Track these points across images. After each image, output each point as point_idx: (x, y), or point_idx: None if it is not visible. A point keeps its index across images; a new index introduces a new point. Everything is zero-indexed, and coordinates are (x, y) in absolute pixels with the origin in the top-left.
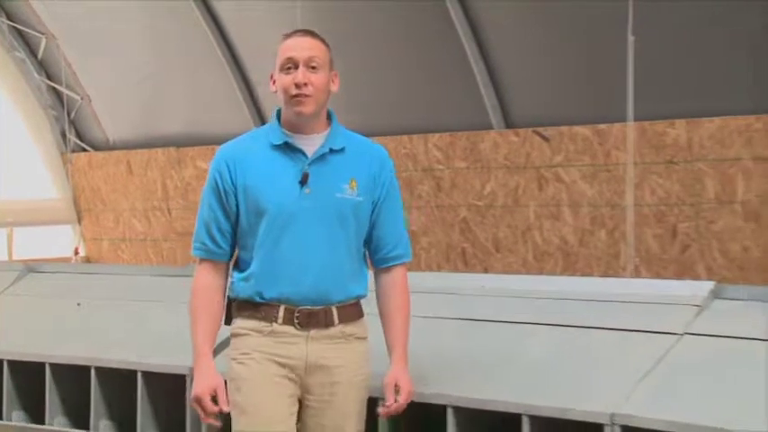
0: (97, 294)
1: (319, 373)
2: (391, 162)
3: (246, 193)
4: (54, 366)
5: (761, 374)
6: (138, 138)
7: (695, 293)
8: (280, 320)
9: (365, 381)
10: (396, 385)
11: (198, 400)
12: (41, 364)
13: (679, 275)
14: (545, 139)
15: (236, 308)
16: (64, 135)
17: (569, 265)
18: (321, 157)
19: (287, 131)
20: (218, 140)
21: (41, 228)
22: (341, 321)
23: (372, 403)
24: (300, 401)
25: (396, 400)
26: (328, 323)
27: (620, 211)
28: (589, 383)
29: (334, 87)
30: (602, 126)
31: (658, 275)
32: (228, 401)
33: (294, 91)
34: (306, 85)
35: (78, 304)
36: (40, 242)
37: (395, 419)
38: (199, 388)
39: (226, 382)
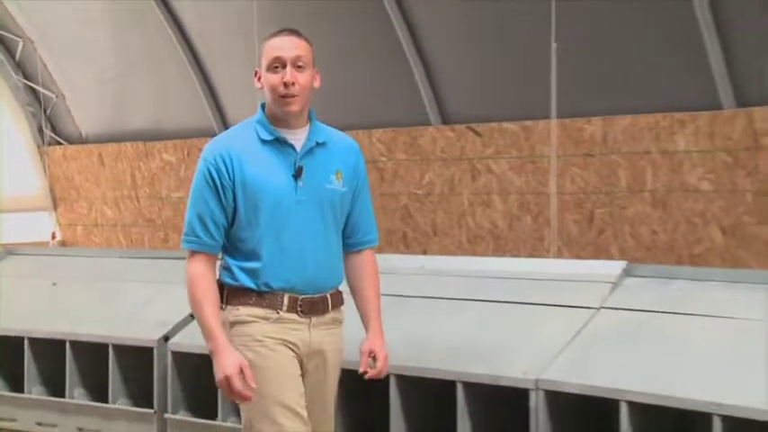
0: (72, 274)
1: (316, 357)
2: (362, 153)
3: (245, 188)
4: (32, 341)
5: (666, 343)
6: (109, 132)
7: (610, 272)
8: (284, 308)
9: (341, 357)
10: (371, 352)
11: (228, 380)
12: (20, 339)
13: (595, 256)
14: (477, 134)
15: (232, 295)
16: (41, 130)
17: (499, 248)
18: (309, 151)
19: (273, 126)
20: (182, 135)
21: (21, 214)
22: (333, 308)
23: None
24: None
25: (372, 367)
26: (324, 310)
27: (544, 199)
28: (517, 353)
29: (317, 84)
30: (528, 122)
31: (578, 256)
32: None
33: (283, 91)
34: (294, 84)
35: (54, 284)
36: (19, 228)
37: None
38: (228, 368)
39: None
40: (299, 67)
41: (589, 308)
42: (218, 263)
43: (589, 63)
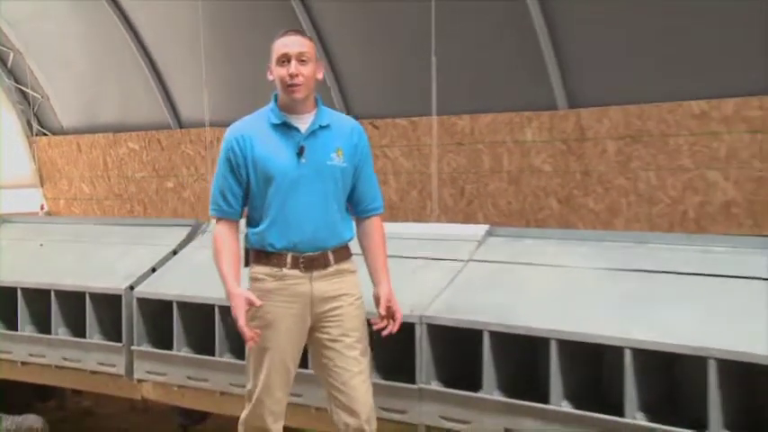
0: (55, 237)
1: (323, 303)
2: (366, 134)
3: (256, 164)
4: (24, 290)
5: (518, 286)
6: (84, 125)
7: (476, 233)
8: (288, 266)
9: (360, 301)
10: (389, 308)
11: (237, 324)
12: (14, 289)
13: (466, 221)
14: (376, 127)
15: (252, 256)
16: (29, 123)
17: (393, 216)
18: (312, 133)
19: (283, 112)
20: (144, 128)
21: (15, 190)
22: (336, 262)
23: None
24: (312, 330)
25: (390, 322)
26: (326, 264)
27: (426, 178)
28: (405, 296)
29: (319, 75)
30: (415, 118)
31: (452, 221)
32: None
33: (288, 81)
34: (298, 75)
35: (41, 245)
36: (13, 201)
37: None
38: (235, 310)
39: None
40: (303, 61)
41: (461, 260)
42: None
43: (461, 73)
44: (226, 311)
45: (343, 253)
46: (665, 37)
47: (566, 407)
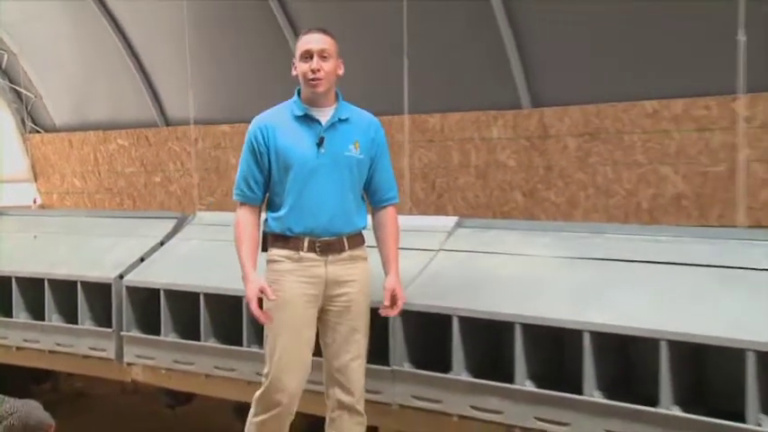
0: (48, 230)
1: (336, 287)
2: (383, 128)
3: (277, 153)
4: (18, 279)
5: (484, 273)
6: (76, 123)
7: (446, 224)
8: (305, 249)
9: (368, 289)
10: (393, 296)
11: (248, 304)
12: (10, 278)
13: (436, 213)
14: None
15: (270, 240)
16: (23, 121)
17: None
18: (332, 125)
19: (306, 105)
20: (132, 126)
21: (10, 185)
22: (350, 248)
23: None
24: (323, 309)
25: (392, 307)
26: (341, 249)
27: (399, 172)
28: (379, 283)
29: (341, 71)
30: (387, 117)
31: (424, 213)
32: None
33: (311, 75)
34: (319, 70)
35: (35, 236)
36: (9, 195)
37: None
38: (248, 294)
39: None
40: (324, 57)
41: (432, 250)
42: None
43: (432, 74)
44: (210, 299)
45: (357, 240)
46: (622, 42)
47: (529, 386)
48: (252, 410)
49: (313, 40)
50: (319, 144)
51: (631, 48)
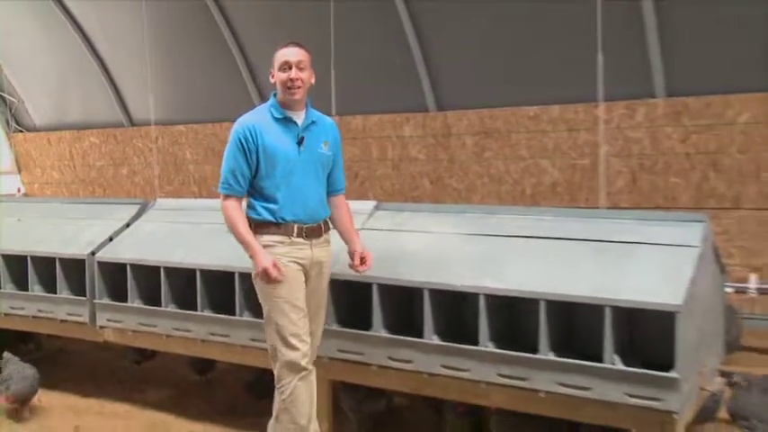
0: (30, 214)
1: (316, 267)
2: (338, 129)
3: (265, 151)
4: (5, 256)
5: (399, 248)
6: (54, 124)
7: (367, 207)
8: (295, 234)
9: (330, 266)
10: (363, 256)
11: (266, 270)
12: None
13: (358, 198)
14: None
15: (258, 227)
16: (8, 123)
17: None
18: (307, 127)
19: (283, 109)
20: (102, 126)
21: None
22: (325, 232)
23: None
24: None
25: (363, 263)
26: (320, 234)
27: None
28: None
29: (312, 80)
30: None
31: (348, 199)
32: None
33: (289, 84)
34: (297, 80)
35: (19, 220)
36: None
37: None
38: (266, 262)
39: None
40: (301, 68)
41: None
42: (244, 203)
43: (355, 82)
44: (170, 271)
45: (327, 225)
46: (510, 56)
47: (435, 340)
48: (277, 391)
49: (291, 53)
50: (299, 143)
51: (517, 63)
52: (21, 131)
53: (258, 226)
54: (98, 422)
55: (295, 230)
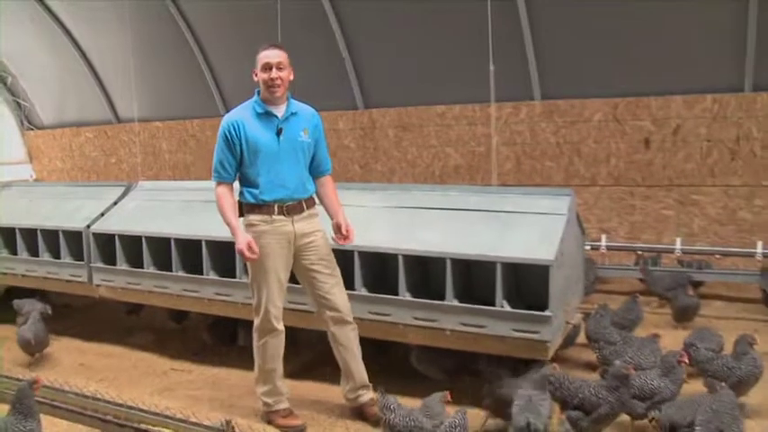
0: (39, 195)
1: (303, 238)
2: (320, 116)
3: (248, 142)
4: (20, 230)
5: None
6: (57, 123)
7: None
8: (275, 213)
9: (324, 233)
10: (345, 227)
11: (241, 251)
12: (13, 228)
13: None
14: None
15: (246, 208)
16: (22, 122)
17: None
18: (286, 119)
19: (265, 104)
20: (95, 123)
21: (13, 166)
22: (307, 208)
23: None
24: (297, 258)
25: (346, 237)
26: (301, 210)
27: None
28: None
29: (292, 77)
30: None
31: None
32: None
33: (270, 83)
34: (278, 78)
35: (30, 200)
36: (12, 173)
37: None
38: (242, 242)
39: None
40: (281, 68)
41: None
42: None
43: (297, 84)
44: (150, 240)
45: (310, 201)
46: (422, 65)
47: (363, 291)
48: (255, 338)
49: (272, 55)
50: (278, 134)
51: (428, 71)
52: (32, 129)
53: (246, 208)
54: (98, 360)
55: (276, 209)
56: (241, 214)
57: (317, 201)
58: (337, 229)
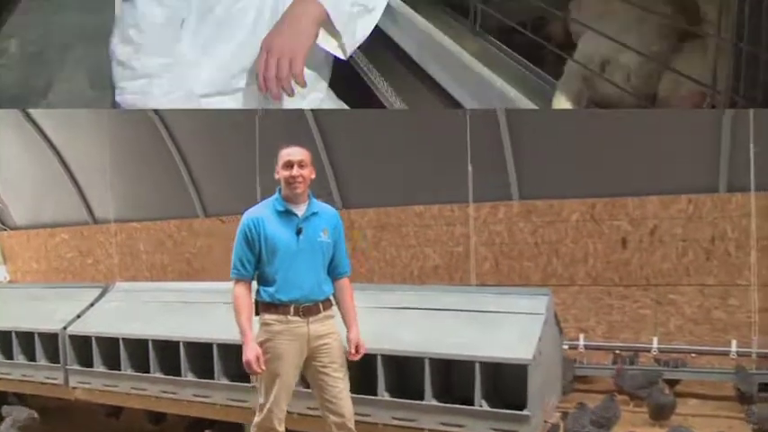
0: (14, 297)
1: (317, 340)
2: (340, 218)
3: (266, 241)
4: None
5: None
6: (31, 224)
7: None
8: (291, 314)
9: (339, 337)
10: (357, 346)
11: (249, 363)
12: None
13: None
14: (223, 222)
15: (262, 307)
16: None
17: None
18: (307, 218)
19: (285, 202)
20: (69, 224)
21: None
22: (323, 310)
23: None
24: (309, 359)
25: (355, 353)
26: (317, 312)
27: None
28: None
29: (313, 176)
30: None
31: None
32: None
33: (291, 180)
34: (299, 176)
35: (4, 302)
36: None
37: None
38: (251, 354)
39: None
40: (302, 166)
41: None
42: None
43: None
44: (128, 342)
45: (327, 303)
46: (401, 166)
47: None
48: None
49: (294, 153)
50: (298, 233)
51: (406, 171)
52: (5, 230)
53: (262, 307)
54: None
55: (291, 310)
56: (257, 313)
57: (333, 302)
58: (350, 342)
